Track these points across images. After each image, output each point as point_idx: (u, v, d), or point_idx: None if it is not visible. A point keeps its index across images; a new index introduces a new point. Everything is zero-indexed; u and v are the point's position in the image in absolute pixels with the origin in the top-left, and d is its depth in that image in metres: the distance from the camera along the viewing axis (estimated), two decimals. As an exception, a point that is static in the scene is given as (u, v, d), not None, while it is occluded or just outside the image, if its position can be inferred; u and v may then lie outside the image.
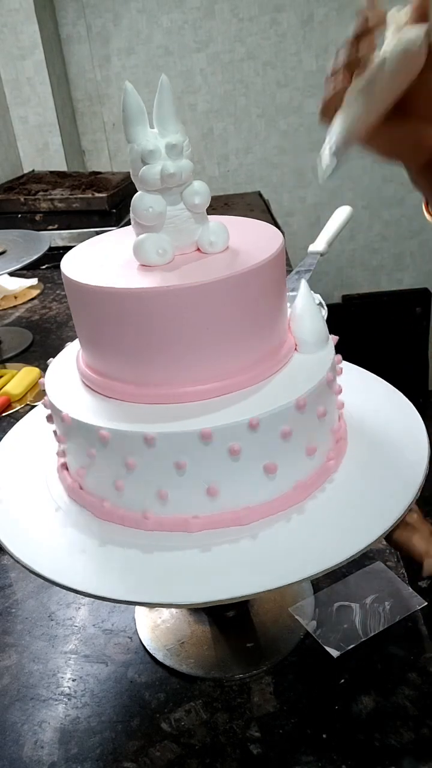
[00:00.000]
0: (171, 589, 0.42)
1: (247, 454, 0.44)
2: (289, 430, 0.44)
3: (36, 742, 0.51)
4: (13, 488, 0.53)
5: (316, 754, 0.47)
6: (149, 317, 0.44)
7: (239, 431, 0.43)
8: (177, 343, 0.45)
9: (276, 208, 2.12)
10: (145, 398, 0.46)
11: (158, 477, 0.44)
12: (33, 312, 1.37)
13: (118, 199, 1.61)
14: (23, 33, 1.83)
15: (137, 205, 0.45)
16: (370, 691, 0.51)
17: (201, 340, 0.45)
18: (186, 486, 0.44)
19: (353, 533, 0.44)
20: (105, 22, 2.03)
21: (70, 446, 0.50)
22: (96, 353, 0.49)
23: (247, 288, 0.45)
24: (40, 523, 0.49)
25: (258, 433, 0.43)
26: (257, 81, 2.12)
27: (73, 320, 0.50)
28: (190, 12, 2.02)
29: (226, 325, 0.45)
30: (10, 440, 0.60)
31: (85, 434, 0.46)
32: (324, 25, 2.05)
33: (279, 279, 0.49)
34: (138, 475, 0.45)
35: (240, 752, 0.48)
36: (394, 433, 0.53)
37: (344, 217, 0.92)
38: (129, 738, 0.50)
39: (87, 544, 0.46)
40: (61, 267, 0.48)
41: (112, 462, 0.45)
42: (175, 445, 0.43)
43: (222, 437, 0.43)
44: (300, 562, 0.42)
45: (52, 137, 1.96)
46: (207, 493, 0.44)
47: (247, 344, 0.47)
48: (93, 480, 0.48)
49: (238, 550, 0.44)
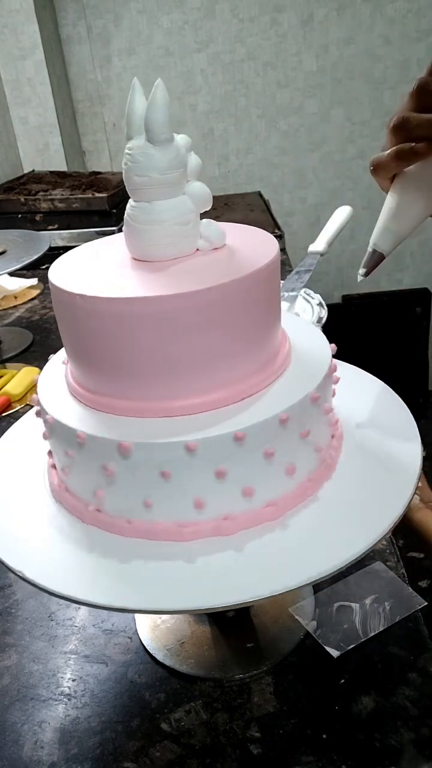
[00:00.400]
0: (152, 596, 0.41)
1: (231, 471, 0.43)
2: (272, 450, 0.44)
3: (36, 742, 0.51)
4: (6, 487, 0.54)
5: (316, 754, 0.47)
6: (134, 328, 0.42)
7: (224, 445, 0.42)
8: (159, 358, 0.43)
9: (276, 208, 2.12)
10: (129, 412, 0.45)
11: (141, 486, 0.44)
12: (33, 312, 1.37)
13: (118, 199, 1.61)
14: (23, 33, 1.83)
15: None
16: (370, 691, 0.51)
17: (188, 354, 0.43)
18: (172, 496, 0.44)
19: (340, 544, 0.43)
20: (105, 23, 2.03)
21: (55, 451, 0.50)
22: (79, 365, 0.48)
23: (240, 298, 0.43)
24: (28, 521, 0.49)
25: (243, 448, 0.42)
26: (257, 81, 2.12)
27: (59, 330, 0.49)
28: (190, 12, 2.02)
29: (216, 336, 0.44)
30: (6, 440, 0.60)
31: (67, 437, 0.46)
32: (324, 25, 2.05)
33: (274, 289, 0.47)
34: (117, 484, 0.44)
35: (240, 752, 0.48)
36: (387, 436, 0.52)
37: (344, 217, 0.92)
38: (129, 738, 0.50)
39: (70, 547, 0.46)
40: (49, 275, 0.47)
41: (91, 469, 0.45)
42: (153, 456, 0.42)
43: (206, 451, 0.42)
44: (288, 571, 0.42)
45: (52, 137, 1.96)
46: (194, 504, 0.44)
47: (237, 358, 0.45)
48: (76, 484, 0.48)
49: (226, 558, 0.43)
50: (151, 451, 0.42)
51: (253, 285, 0.44)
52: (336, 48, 2.09)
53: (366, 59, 2.11)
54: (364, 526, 0.44)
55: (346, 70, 2.12)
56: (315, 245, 0.90)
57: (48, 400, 0.49)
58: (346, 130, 2.21)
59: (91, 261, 0.50)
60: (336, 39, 2.07)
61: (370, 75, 2.13)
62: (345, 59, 2.10)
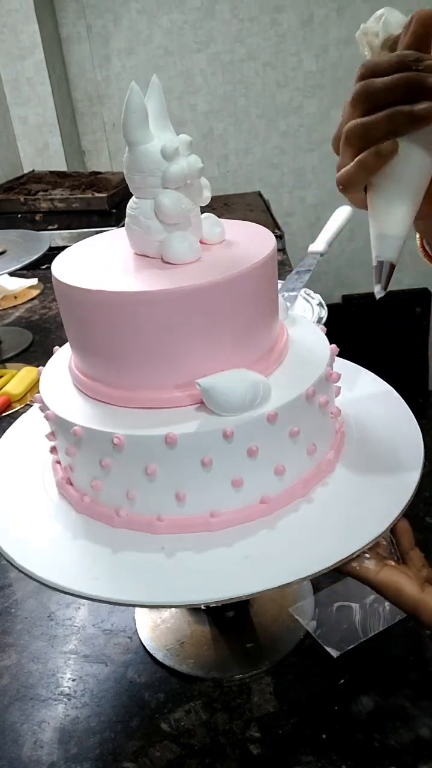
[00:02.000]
0: (138, 588, 0.42)
1: (217, 464, 0.43)
2: (255, 448, 0.44)
3: (35, 742, 0.51)
4: (8, 484, 0.54)
5: (316, 754, 0.47)
6: (133, 321, 0.43)
7: (211, 440, 0.42)
8: (158, 348, 0.44)
9: (276, 208, 2.12)
10: (128, 402, 0.46)
11: (128, 478, 0.45)
12: (33, 312, 1.37)
13: (118, 199, 1.61)
14: (23, 33, 1.83)
15: (168, 204, 0.44)
16: (370, 691, 0.51)
17: (185, 345, 0.44)
18: (154, 489, 0.44)
19: (330, 546, 0.43)
20: (105, 23, 2.03)
21: (58, 443, 0.50)
22: (80, 354, 0.49)
23: (237, 293, 0.44)
24: (29, 515, 0.50)
25: (231, 443, 0.43)
26: (257, 81, 2.12)
27: (63, 321, 0.50)
28: (190, 12, 2.02)
29: (213, 329, 0.44)
30: (7, 439, 0.60)
31: (65, 432, 0.46)
32: (324, 26, 2.05)
33: (270, 284, 0.47)
34: (112, 475, 0.45)
35: (240, 752, 0.48)
36: (389, 435, 0.52)
37: (344, 217, 0.92)
38: (129, 738, 0.50)
39: (64, 538, 0.47)
40: (52, 268, 0.48)
41: (90, 461, 0.46)
42: (142, 449, 0.43)
43: (191, 444, 0.42)
44: (277, 568, 0.42)
45: (52, 137, 1.96)
46: (176, 497, 0.44)
47: (236, 350, 0.46)
48: (77, 477, 0.49)
49: (206, 554, 0.44)
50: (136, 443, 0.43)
51: (250, 280, 0.44)
52: (336, 48, 2.09)
53: (366, 59, 2.10)
54: (354, 529, 0.43)
55: (346, 70, 2.12)
56: (315, 245, 0.89)
57: (50, 395, 0.50)
58: (345, 130, 2.21)
59: (93, 255, 0.51)
60: (336, 39, 2.08)
61: (370, 75, 2.13)
62: (345, 59, 2.10)
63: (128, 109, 0.43)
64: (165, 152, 0.43)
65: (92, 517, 0.48)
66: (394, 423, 0.54)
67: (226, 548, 0.44)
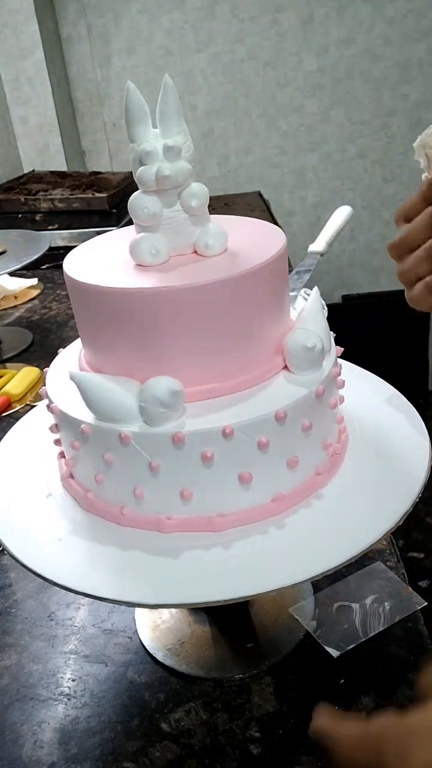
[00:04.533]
0: (143, 588, 0.42)
1: (220, 461, 0.43)
2: (266, 441, 0.44)
3: (35, 742, 0.51)
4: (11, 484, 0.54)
5: (316, 754, 0.47)
6: (140, 317, 0.44)
7: (212, 438, 0.43)
8: (166, 344, 0.44)
9: (276, 208, 2.12)
10: None
11: (134, 475, 0.45)
12: (33, 312, 1.37)
13: (118, 199, 1.61)
14: (23, 33, 1.83)
15: (133, 205, 0.46)
16: (370, 691, 0.51)
17: (193, 342, 0.44)
18: (160, 487, 0.45)
19: (330, 550, 0.43)
20: (105, 22, 2.03)
21: (63, 438, 0.51)
22: (91, 350, 0.50)
23: (242, 292, 0.44)
24: (30, 512, 0.50)
25: (233, 441, 0.43)
26: (257, 81, 2.12)
27: (74, 316, 0.51)
28: (190, 12, 2.02)
29: (218, 329, 0.45)
30: (9, 439, 0.60)
31: (70, 427, 0.47)
32: (324, 25, 2.05)
33: (279, 285, 0.48)
34: (116, 471, 0.46)
35: (240, 752, 0.48)
36: (394, 438, 0.53)
37: (344, 217, 0.92)
38: (129, 738, 0.50)
39: (69, 537, 0.47)
40: (64, 263, 0.49)
41: (93, 456, 0.46)
42: (149, 446, 0.43)
43: (194, 443, 0.43)
44: (281, 568, 0.42)
45: (52, 137, 1.96)
46: (181, 496, 0.45)
47: (242, 348, 0.46)
48: (81, 472, 0.49)
49: (209, 555, 0.44)
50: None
51: (258, 279, 0.45)
52: (336, 48, 2.09)
53: (366, 59, 2.11)
54: (360, 529, 0.44)
55: (346, 70, 2.12)
56: (315, 245, 0.89)
57: (55, 390, 0.50)
58: (346, 130, 2.21)
59: (104, 253, 0.51)
60: (336, 39, 2.08)
61: (370, 75, 2.13)
62: (345, 59, 2.10)
63: (125, 108, 0.44)
64: (139, 154, 0.44)
65: (98, 515, 0.48)
66: (399, 423, 0.54)
67: (233, 548, 0.44)
